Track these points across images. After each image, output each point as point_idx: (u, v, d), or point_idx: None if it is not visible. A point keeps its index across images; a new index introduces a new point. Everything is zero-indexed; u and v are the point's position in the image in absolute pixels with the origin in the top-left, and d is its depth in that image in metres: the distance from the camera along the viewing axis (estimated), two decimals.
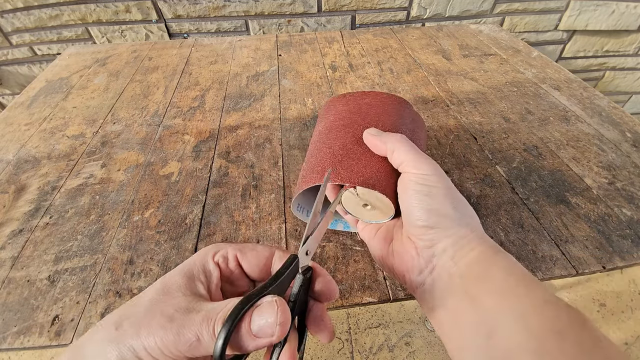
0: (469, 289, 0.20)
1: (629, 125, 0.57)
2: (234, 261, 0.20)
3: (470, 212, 0.24)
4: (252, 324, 0.15)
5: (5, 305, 0.36)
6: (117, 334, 0.15)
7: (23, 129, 0.61)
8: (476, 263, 0.21)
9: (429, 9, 1.02)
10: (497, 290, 0.20)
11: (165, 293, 0.17)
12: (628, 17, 1.08)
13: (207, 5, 0.95)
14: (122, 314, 0.17)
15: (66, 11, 0.93)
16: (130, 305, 0.17)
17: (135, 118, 0.63)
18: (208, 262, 0.19)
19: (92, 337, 0.16)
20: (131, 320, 0.16)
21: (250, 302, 0.15)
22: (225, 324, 0.14)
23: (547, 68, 0.75)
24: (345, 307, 0.36)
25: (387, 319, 1.00)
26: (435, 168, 0.24)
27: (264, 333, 0.15)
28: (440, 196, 0.23)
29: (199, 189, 0.48)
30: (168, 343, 0.15)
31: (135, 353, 0.15)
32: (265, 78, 0.74)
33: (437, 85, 0.69)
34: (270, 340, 0.15)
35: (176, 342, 0.15)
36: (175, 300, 0.16)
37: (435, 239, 0.23)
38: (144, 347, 0.15)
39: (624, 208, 0.44)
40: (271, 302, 0.15)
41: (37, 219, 0.45)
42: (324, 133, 0.33)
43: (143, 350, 0.15)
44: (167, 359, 0.15)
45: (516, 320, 0.18)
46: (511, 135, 0.56)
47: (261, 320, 0.15)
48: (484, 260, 0.21)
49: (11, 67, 1.04)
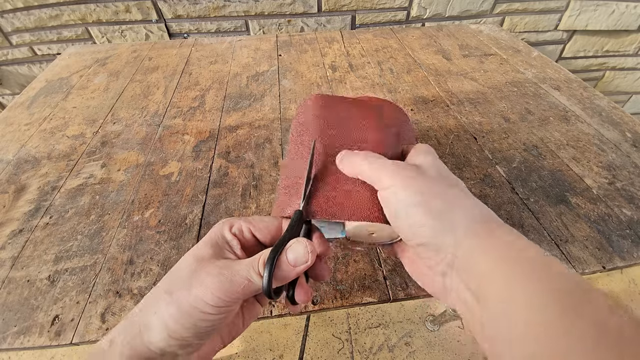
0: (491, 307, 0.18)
1: (629, 125, 0.57)
2: (248, 232, 0.23)
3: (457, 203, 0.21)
4: (288, 257, 0.20)
5: (5, 305, 0.36)
6: (173, 298, 0.19)
7: (23, 129, 0.61)
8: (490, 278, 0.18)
9: (429, 9, 1.02)
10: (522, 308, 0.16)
11: (200, 261, 0.20)
12: (628, 17, 1.08)
13: (207, 5, 0.95)
14: (167, 283, 0.20)
15: (66, 11, 0.93)
16: (171, 277, 0.20)
17: (135, 118, 0.63)
18: (226, 233, 0.22)
19: (150, 308, 0.19)
20: (179, 285, 0.19)
21: (280, 247, 0.20)
22: (267, 263, 0.19)
23: (547, 68, 0.75)
24: (345, 307, 0.36)
25: (387, 319, 1.00)
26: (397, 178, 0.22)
27: (300, 261, 0.20)
28: (415, 208, 0.20)
29: (199, 189, 0.48)
30: (224, 290, 0.18)
31: (195, 307, 0.18)
32: (265, 78, 0.74)
33: (437, 85, 0.69)
34: (306, 265, 0.20)
35: (231, 287, 0.18)
36: (213, 264, 0.20)
37: (434, 254, 0.20)
38: (204, 300, 0.18)
39: (624, 208, 0.44)
40: (299, 239, 0.21)
41: (37, 219, 0.45)
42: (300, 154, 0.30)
43: (203, 303, 0.18)
44: (226, 302, 0.18)
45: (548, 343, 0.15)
46: (511, 135, 0.56)
47: (296, 253, 0.20)
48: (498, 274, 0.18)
49: (11, 67, 1.04)
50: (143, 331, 0.19)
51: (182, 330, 0.18)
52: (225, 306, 0.19)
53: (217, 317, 0.19)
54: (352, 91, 0.68)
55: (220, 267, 0.19)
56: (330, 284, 0.37)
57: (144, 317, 0.19)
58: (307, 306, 0.36)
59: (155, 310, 0.19)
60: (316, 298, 0.36)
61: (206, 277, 0.19)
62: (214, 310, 0.18)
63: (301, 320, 0.99)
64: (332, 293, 0.36)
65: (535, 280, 0.17)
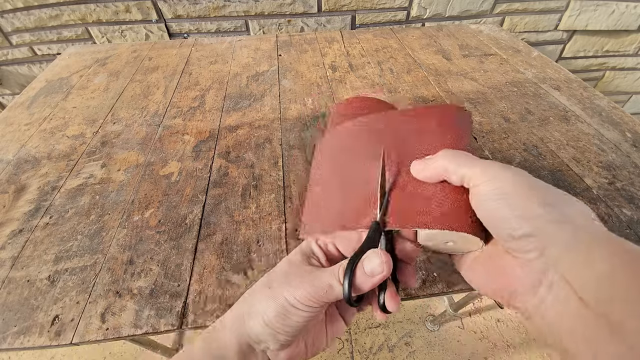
0: (608, 311, 0.16)
1: (629, 125, 0.57)
2: (332, 246, 0.25)
3: (568, 201, 0.20)
4: (365, 268, 0.21)
5: (5, 305, 0.36)
6: (271, 292, 0.22)
7: (23, 129, 0.61)
8: (611, 275, 0.16)
9: (429, 9, 1.02)
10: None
11: (292, 265, 0.23)
12: (628, 17, 1.08)
13: (207, 5, 0.95)
14: (268, 280, 0.23)
15: (66, 11, 0.93)
16: (270, 275, 0.23)
17: (135, 118, 0.63)
18: (313, 245, 0.25)
19: (253, 299, 0.23)
20: (277, 282, 0.22)
21: (358, 257, 0.21)
22: (346, 272, 0.20)
23: (547, 68, 0.75)
24: None
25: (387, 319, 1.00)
26: (498, 169, 0.21)
27: (375, 272, 0.20)
28: (521, 199, 0.19)
29: (199, 189, 0.48)
30: (309, 293, 0.21)
31: (288, 302, 0.21)
32: (265, 78, 0.74)
33: (437, 85, 0.69)
34: (382, 275, 0.20)
35: (315, 291, 0.21)
36: (303, 269, 0.23)
37: (539, 247, 0.18)
38: (294, 297, 0.21)
39: (624, 208, 0.44)
40: (374, 250, 0.21)
41: (37, 219, 0.45)
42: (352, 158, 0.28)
43: (293, 299, 0.21)
44: (312, 303, 0.21)
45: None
46: (511, 135, 0.56)
47: (372, 264, 0.21)
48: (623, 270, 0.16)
49: (11, 67, 1.04)
50: (246, 318, 0.22)
51: (275, 319, 0.21)
52: (310, 306, 0.21)
53: (304, 315, 0.21)
54: (352, 91, 0.68)
55: (307, 271, 0.22)
56: None
57: (248, 306, 0.23)
58: None
59: (257, 301, 0.22)
60: None
61: (295, 278, 0.22)
62: (301, 307, 0.21)
63: None
64: None
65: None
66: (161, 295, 0.36)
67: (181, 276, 0.38)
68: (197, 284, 0.37)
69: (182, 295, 0.36)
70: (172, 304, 0.35)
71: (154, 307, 0.35)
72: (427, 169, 0.23)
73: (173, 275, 0.38)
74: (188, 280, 0.37)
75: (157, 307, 0.35)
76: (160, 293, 0.36)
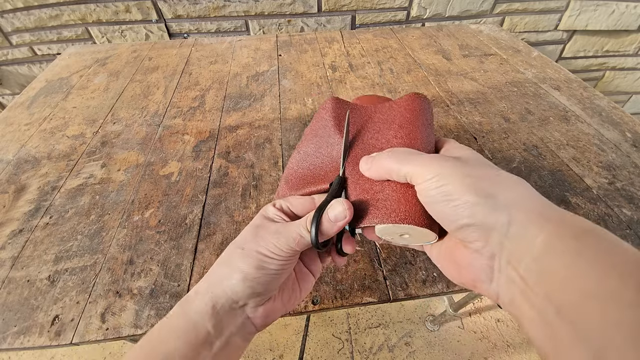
0: (551, 294, 0.16)
1: (629, 125, 0.57)
2: (287, 209, 0.26)
3: (507, 185, 0.20)
4: (329, 215, 0.23)
5: (5, 305, 0.36)
6: (245, 252, 0.23)
7: (23, 129, 0.61)
8: (547, 252, 0.17)
9: (429, 9, 1.02)
10: (591, 294, 0.15)
11: (259, 227, 0.25)
12: (628, 17, 1.08)
13: (207, 5, 0.95)
14: (238, 242, 0.24)
15: (66, 11, 0.93)
16: (239, 240, 0.25)
17: (135, 118, 0.63)
18: (271, 209, 0.26)
19: (228, 262, 0.24)
20: (248, 242, 0.24)
21: (323, 208, 0.23)
22: (313, 220, 0.23)
23: (547, 68, 0.75)
24: (345, 307, 0.36)
25: (387, 319, 1.00)
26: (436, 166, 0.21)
27: (339, 217, 0.23)
28: (458, 191, 0.20)
29: (199, 189, 0.48)
30: (282, 243, 0.23)
31: (263, 254, 0.23)
32: (265, 78, 0.74)
33: (437, 85, 0.69)
34: (345, 221, 0.23)
35: (286, 241, 0.23)
36: (270, 226, 0.24)
37: (483, 235, 0.19)
38: (268, 249, 0.23)
39: (624, 208, 0.44)
40: (338, 199, 0.24)
41: (37, 219, 0.45)
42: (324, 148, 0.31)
43: (267, 251, 0.23)
44: (284, 253, 0.23)
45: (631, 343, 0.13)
46: (511, 135, 0.56)
47: (335, 211, 0.23)
48: (561, 249, 0.16)
49: (11, 67, 1.04)
50: (223, 279, 0.23)
51: (254, 272, 0.22)
52: (285, 256, 0.23)
53: (279, 262, 0.23)
54: (352, 91, 0.68)
55: (276, 227, 0.24)
56: (330, 284, 0.37)
57: (223, 269, 0.24)
58: (307, 306, 0.36)
59: (234, 262, 0.23)
60: (316, 298, 0.36)
61: (267, 234, 0.24)
62: (275, 257, 0.23)
63: (301, 320, 0.99)
64: (332, 293, 0.36)
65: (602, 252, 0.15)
66: (161, 295, 0.36)
67: (181, 276, 0.38)
68: (197, 284, 0.37)
69: (182, 295, 0.36)
70: (172, 304, 0.35)
71: (154, 307, 0.35)
72: (372, 169, 0.25)
73: (173, 275, 0.38)
74: (188, 280, 0.37)
75: (157, 307, 0.35)
76: (160, 293, 0.36)
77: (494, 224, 0.19)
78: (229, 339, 0.23)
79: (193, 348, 0.21)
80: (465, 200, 0.20)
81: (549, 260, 0.17)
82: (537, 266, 0.17)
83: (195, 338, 0.22)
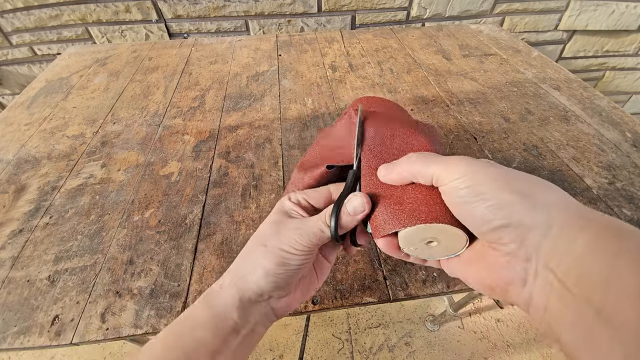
0: (591, 296, 0.15)
1: (629, 125, 0.57)
2: (304, 202, 0.27)
3: (541, 186, 0.19)
4: (348, 209, 0.23)
5: (5, 305, 0.36)
6: (268, 249, 0.24)
7: (23, 129, 0.61)
8: (589, 255, 0.16)
9: (429, 9, 1.02)
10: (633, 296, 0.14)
11: (279, 223, 0.25)
12: (628, 17, 1.08)
13: (207, 5, 0.95)
14: (259, 241, 0.25)
15: (66, 11, 0.93)
16: (259, 237, 0.25)
17: (135, 118, 0.63)
18: (287, 203, 0.27)
19: (252, 259, 0.25)
20: (271, 239, 0.24)
21: (341, 202, 0.24)
22: (332, 215, 0.23)
23: (547, 68, 0.75)
24: (345, 307, 0.36)
25: (387, 319, 1.00)
26: (465, 165, 0.20)
27: (358, 210, 0.23)
28: (491, 190, 0.19)
29: (199, 189, 0.48)
30: (304, 239, 0.24)
31: (286, 251, 0.23)
32: (265, 78, 0.74)
33: (437, 85, 0.69)
34: (364, 214, 0.23)
35: (308, 236, 0.24)
36: (289, 223, 0.25)
37: (518, 236, 0.18)
38: (290, 246, 0.23)
39: (624, 208, 0.44)
40: (355, 193, 0.24)
41: (37, 219, 0.45)
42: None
43: (290, 247, 0.23)
44: (306, 248, 0.24)
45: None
46: (511, 135, 0.56)
47: (354, 204, 0.23)
48: (603, 250, 0.16)
49: (11, 67, 1.04)
50: (246, 275, 0.24)
51: (276, 268, 0.23)
52: (306, 251, 0.24)
53: (300, 258, 0.24)
54: (352, 91, 0.68)
55: (296, 224, 0.25)
56: (330, 284, 0.37)
57: (246, 265, 0.25)
58: (307, 306, 0.36)
59: (257, 258, 0.24)
60: (316, 298, 0.36)
61: (287, 231, 0.24)
62: (298, 252, 0.24)
63: (301, 320, 0.99)
64: (332, 293, 0.36)
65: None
66: (161, 295, 0.36)
67: (181, 276, 0.38)
68: (197, 284, 0.37)
69: (182, 295, 0.36)
70: (172, 304, 0.35)
71: (154, 307, 0.35)
72: (393, 172, 0.24)
73: (173, 275, 0.38)
74: (188, 280, 0.37)
75: (157, 307, 0.35)
76: (160, 293, 0.36)
77: (532, 225, 0.18)
78: (253, 327, 0.24)
79: (220, 336, 0.23)
80: (501, 199, 0.18)
81: (590, 261, 0.16)
82: (578, 268, 0.16)
83: (222, 328, 0.23)
